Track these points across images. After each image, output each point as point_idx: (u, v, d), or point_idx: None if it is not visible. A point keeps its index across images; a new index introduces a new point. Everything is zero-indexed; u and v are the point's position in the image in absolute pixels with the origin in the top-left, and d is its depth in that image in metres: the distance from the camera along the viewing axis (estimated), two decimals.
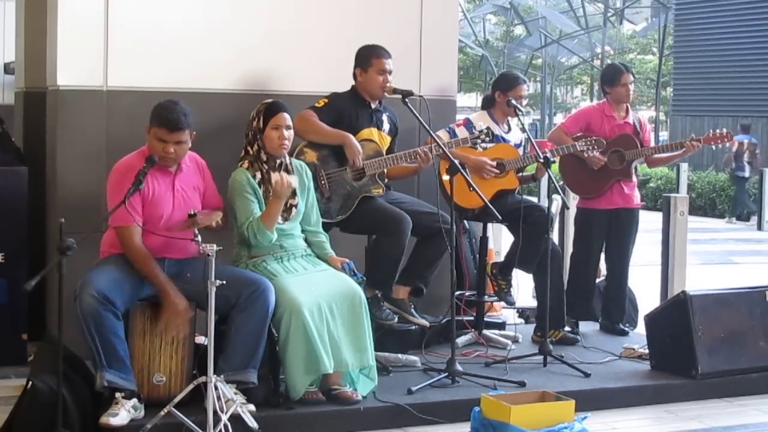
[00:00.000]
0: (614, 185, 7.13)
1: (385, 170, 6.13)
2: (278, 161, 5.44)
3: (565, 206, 7.15)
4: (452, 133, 6.53)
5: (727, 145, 7.13)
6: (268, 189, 5.35)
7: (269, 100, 5.54)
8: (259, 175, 5.39)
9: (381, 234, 5.99)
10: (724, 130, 7.22)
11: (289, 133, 5.44)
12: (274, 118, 5.41)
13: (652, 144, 7.33)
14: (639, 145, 7.10)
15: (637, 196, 7.29)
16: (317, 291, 5.26)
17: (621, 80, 7.18)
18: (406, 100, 5.94)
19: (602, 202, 7.14)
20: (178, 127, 5.04)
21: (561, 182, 7.33)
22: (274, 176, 5.30)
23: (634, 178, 7.27)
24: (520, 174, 6.81)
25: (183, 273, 5.11)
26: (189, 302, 5.05)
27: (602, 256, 7.39)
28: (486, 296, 6.92)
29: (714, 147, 7.34)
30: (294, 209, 5.49)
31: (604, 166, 7.00)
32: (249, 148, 5.45)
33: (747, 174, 19.91)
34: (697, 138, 7.03)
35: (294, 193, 5.47)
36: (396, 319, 6.09)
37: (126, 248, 5.04)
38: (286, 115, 5.44)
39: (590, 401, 5.62)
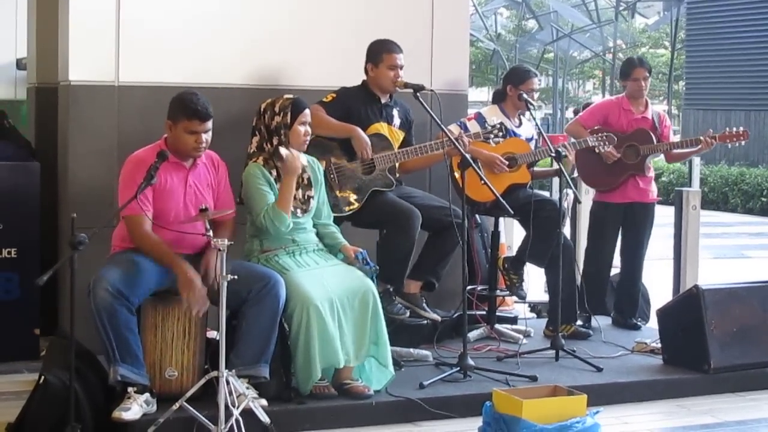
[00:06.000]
0: (629, 179, 7.13)
1: (397, 164, 6.13)
2: None
3: (576, 200, 7.14)
4: (463, 128, 6.51)
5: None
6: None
7: (290, 96, 5.53)
8: (274, 173, 5.39)
9: (390, 228, 5.99)
10: (741, 128, 7.20)
11: (309, 129, 5.50)
12: (302, 114, 5.44)
13: (672, 139, 7.32)
14: (655, 140, 7.09)
15: (653, 191, 7.28)
16: (329, 286, 5.26)
17: (633, 74, 7.18)
18: (418, 94, 5.93)
19: (617, 195, 7.15)
20: (208, 116, 5.10)
21: (576, 175, 7.33)
22: (283, 150, 5.30)
23: (651, 173, 7.25)
24: (533, 168, 6.80)
25: (194, 268, 5.09)
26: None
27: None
28: (498, 290, 6.91)
29: (729, 145, 7.32)
30: (312, 200, 5.49)
31: (619, 160, 7.02)
32: (265, 144, 5.44)
33: None
34: (713, 135, 7.01)
35: (309, 185, 5.48)
36: (407, 314, 6.09)
37: (135, 236, 5.03)
38: (308, 112, 5.49)
39: (602, 396, 5.61)
